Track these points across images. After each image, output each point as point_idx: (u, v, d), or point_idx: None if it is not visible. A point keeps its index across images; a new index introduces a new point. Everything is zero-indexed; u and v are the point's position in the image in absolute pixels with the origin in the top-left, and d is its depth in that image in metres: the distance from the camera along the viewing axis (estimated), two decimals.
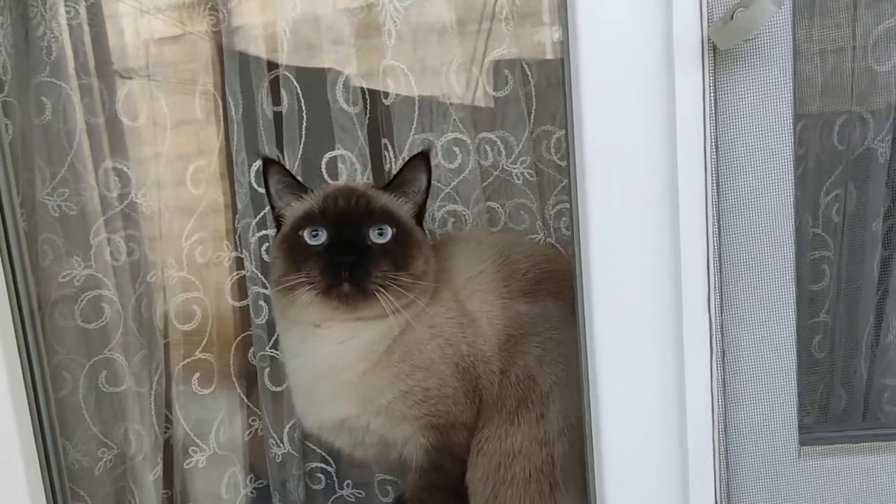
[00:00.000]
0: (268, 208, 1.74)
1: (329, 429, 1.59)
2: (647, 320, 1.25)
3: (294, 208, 1.53)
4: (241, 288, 1.93)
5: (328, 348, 1.50)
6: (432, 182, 1.52)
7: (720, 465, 1.28)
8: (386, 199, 1.52)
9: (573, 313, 1.44)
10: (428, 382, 1.50)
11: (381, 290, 1.42)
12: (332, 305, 1.46)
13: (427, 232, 1.58)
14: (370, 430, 1.54)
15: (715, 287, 1.22)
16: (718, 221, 1.22)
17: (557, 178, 1.85)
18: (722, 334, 1.25)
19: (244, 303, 1.93)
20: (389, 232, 1.48)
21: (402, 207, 1.53)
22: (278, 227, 1.56)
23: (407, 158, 1.61)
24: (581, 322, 1.32)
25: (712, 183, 1.20)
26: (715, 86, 1.19)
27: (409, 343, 1.50)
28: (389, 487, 1.96)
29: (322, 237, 1.47)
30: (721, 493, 1.28)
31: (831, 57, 1.62)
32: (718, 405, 1.25)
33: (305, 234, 1.47)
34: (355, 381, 1.50)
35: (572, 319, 1.45)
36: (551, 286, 1.59)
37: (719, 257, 1.23)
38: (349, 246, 1.45)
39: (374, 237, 1.47)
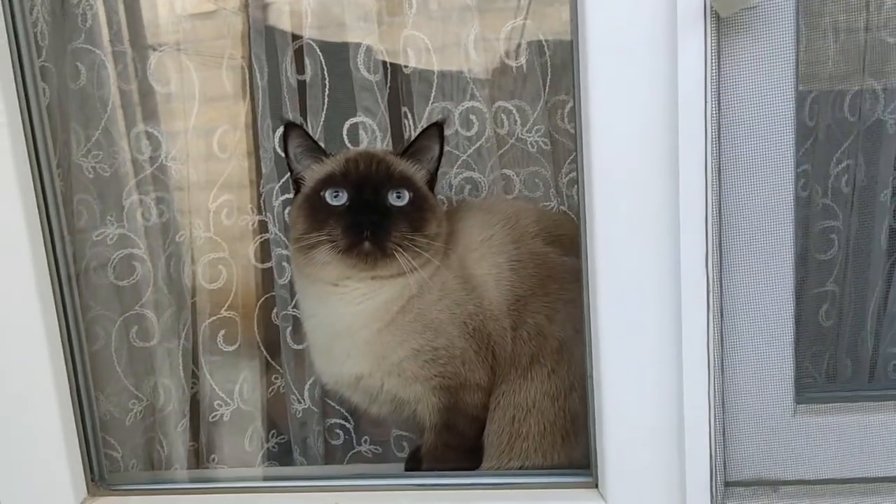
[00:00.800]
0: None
1: (345, 385, 1.67)
2: (647, 278, 1.31)
3: (315, 171, 1.60)
4: (264, 250, 2.00)
5: (345, 308, 1.58)
6: (449, 149, 1.58)
7: (716, 421, 1.33)
8: (403, 165, 1.59)
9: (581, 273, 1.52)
10: (437, 342, 1.58)
11: (400, 249, 1.50)
12: (350, 263, 1.53)
13: (438, 198, 1.65)
14: (384, 388, 1.62)
15: (714, 246, 1.26)
16: (719, 183, 1.26)
17: (570, 147, 1.88)
18: (721, 293, 1.30)
19: (268, 265, 2.00)
20: (407, 196, 1.55)
21: (418, 173, 1.60)
22: (297, 189, 1.63)
23: (424, 127, 1.67)
24: (585, 282, 1.37)
25: (713, 147, 1.24)
26: (718, 53, 1.23)
27: (422, 303, 1.57)
28: (405, 443, 2.03)
29: (343, 198, 1.54)
30: (717, 448, 1.33)
31: (843, 28, 1.64)
32: (715, 362, 1.30)
33: (327, 194, 1.55)
34: (370, 339, 1.58)
35: (580, 279, 1.51)
36: (559, 249, 1.65)
37: (719, 218, 1.27)
38: (370, 207, 1.52)
39: (393, 200, 1.54)
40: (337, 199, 1.55)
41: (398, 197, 1.55)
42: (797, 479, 1.37)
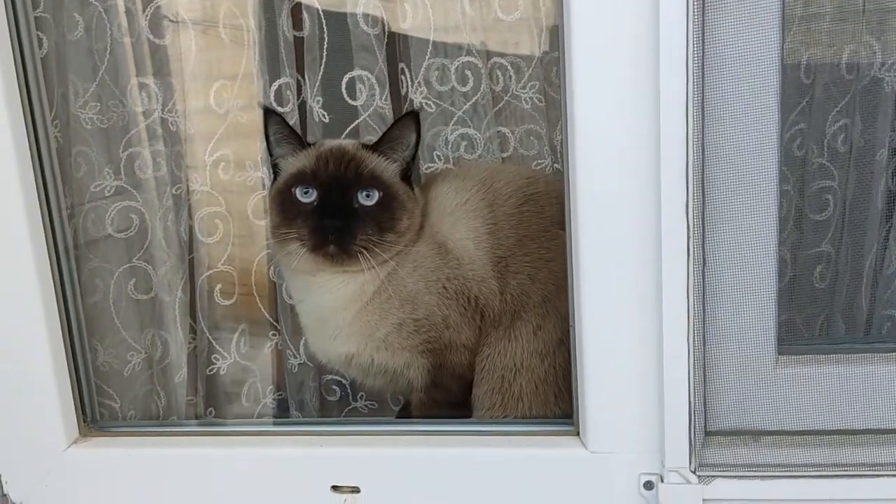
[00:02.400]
0: None
1: (339, 363, 1.72)
2: (627, 226, 1.31)
3: (289, 163, 1.61)
4: (262, 207, 1.99)
5: (325, 294, 1.62)
6: (446, 106, 1.60)
7: (696, 369, 1.33)
8: (375, 162, 1.58)
9: (559, 229, 1.56)
10: (416, 313, 1.61)
11: (364, 251, 1.52)
12: (318, 261, 1.57)
13: (414, 185, 1.65)
14: (374, 363, 1.66)
15: (695, 192, 1.25)
16: (702, 127, 1.25)
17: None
18: (703, 241, 1.30)
19: (265, 221, 1.99)
20: (376, 195, 1.56)
21: (389, 168, 1.59)
22: (275, 175, 1.65)
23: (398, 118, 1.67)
24: (568, 233, 1.38)
25: (695, 89, 1.22)
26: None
27: (395, 281, 1.60)
28: (401, 397, 2.03)
29: (312, 196, 1.56)
30: (696, 396, 1.34)
31: None
32: (696, 311, 1.30)
33: (297, 191, 1.56)
34: (351, 321, 1.62)
35: (558, 235, 1.56)
36: (533, 207, 1.66)
37: (702, 163, 1.26)
38: (336, 209, 1.54)
39: (362, 199, 1.55)
40: (307, 196, 1.56)
41: (367, 196, 1.55)
42: (778, 430, 1.38)
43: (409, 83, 1.89)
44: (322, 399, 2.14)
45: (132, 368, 1.99)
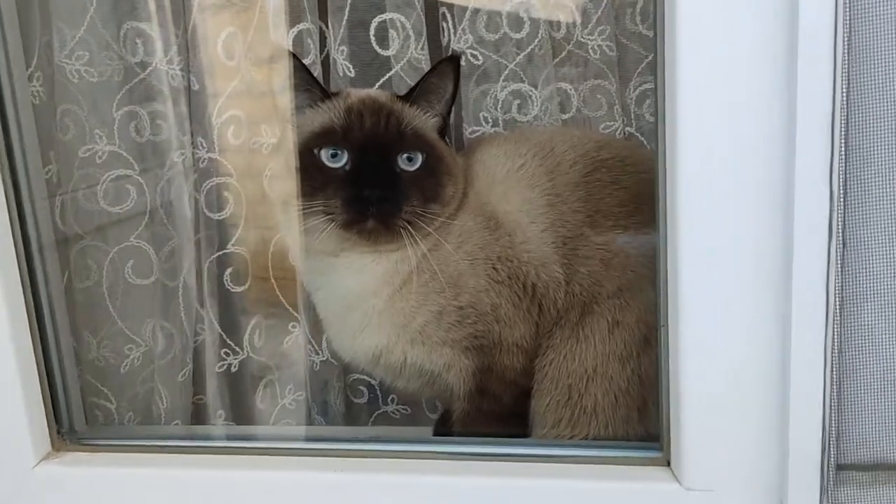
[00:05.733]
0: None
1: (365, 361, 1.48)
2: (745, 190, 1.00)
3: (308, 118, 1.37)
4: None
5: (351, 277, 1.39)
6: (497, 58, 1.40)
7: (832, 387, 1.02)
8: (416, 118, 1.37)
9: (638, 204, 1.34)
10: (460, 300, 1.37)
11: (409, 226, 1.31)
12: (348, 238, 1.34)
13: (449, 142, 1.44)
14: (408, 362, 1.42)
15: (839, 153, 0.94)
16: (847, 75, 0.94)
17: (641, 54, 1.61)
18: (844, 214, 0.98)
19: None
20: (420, 158, 1.34)
21: (429, 123, 1.39)
22: None
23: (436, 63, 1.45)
24: (661, 206, 1.08)
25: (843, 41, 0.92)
26: None
27: (437, 258, 1.36)
28: (438, 403, 1.79)
29: (342, 160, 1.32)
30: (831, 423, 1.03)
31: None
32: (835, 305, 0.99)
33: (323, 154, 1.32)
34: (382, 308, 1.39)
35: (638, 211, 1.34)
36: (605, 176, 1.39)
37: (846, 115, 0.95)
38: (376, 175, 1.31)
39: (403, 164, 1.34)
40: (335, 160, 1.32)
41: (409, 160, 1.34)
42: None
43: (452, 30, 1.63)
44: (348, 401, 1.90)
45: (130, 364, 1.79)
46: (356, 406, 1.89)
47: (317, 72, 1.63)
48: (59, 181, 1.63)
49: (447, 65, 1.36)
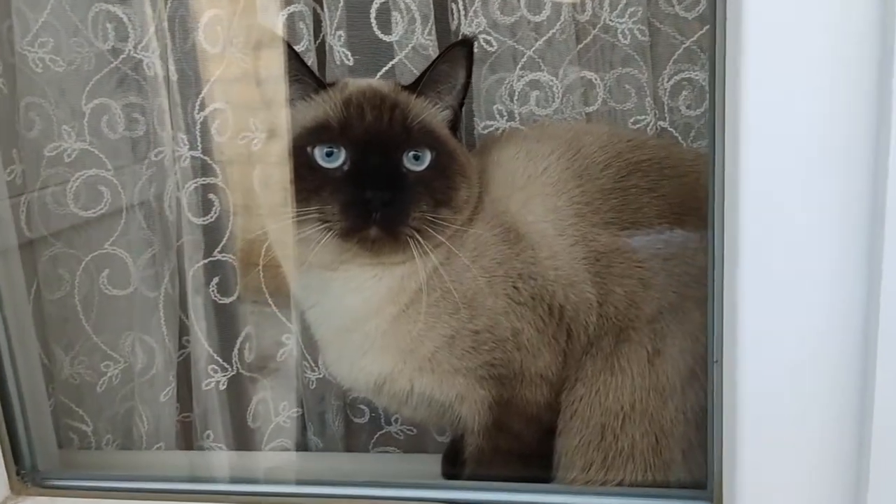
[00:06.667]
0: None
1: (367, 389, 1.35)
2: (818, 192, 0.84)
3: (300, 111, 1.25)
4: None
5: (351, 294, 1.26)
6: (512, 43, 1.30)
7: None
8: (424, 111, 1.24)
9: (680, 213, 1.22)
10: (476, 323, 1.23)
11: (416, 233, 1.17)
12: (348, 249, 1.21)
13: (460, 138, 1.31)
14: (415, 391, 1.29)
15: None
16: None
17: (678, 39, 1.46)
18: None
19: None
20: (427, 156, 1.21)
21: (438, 117, 1.26)
22: None
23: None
24: (713, 215, 0.94)
25: None
26: None
27: (450, 273, 1.23)
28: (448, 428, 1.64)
29: (339, 159, 1.19)
30: None
31: None
32: None
33: (317, 152, 1.19)
34: (386, 329, 1.25)
35: (680, 221, 1.22)
36: (642, 181, 1.25)
37: None
38: (379, 176, 1.17)
39: (409, 163, 1.20)
40: (331, 159, 1.18)
41: (416, 159, 1.20)
42: None
43: (462, 12, 1.48)
44: (347, 420, 1.76)
45: (108, 382, 1.68)
46: (355, 426, 1.76)
47: (310, 60, 1.49)
48: (23, 182, 1.51)
49: (459, 50, 1.23)
